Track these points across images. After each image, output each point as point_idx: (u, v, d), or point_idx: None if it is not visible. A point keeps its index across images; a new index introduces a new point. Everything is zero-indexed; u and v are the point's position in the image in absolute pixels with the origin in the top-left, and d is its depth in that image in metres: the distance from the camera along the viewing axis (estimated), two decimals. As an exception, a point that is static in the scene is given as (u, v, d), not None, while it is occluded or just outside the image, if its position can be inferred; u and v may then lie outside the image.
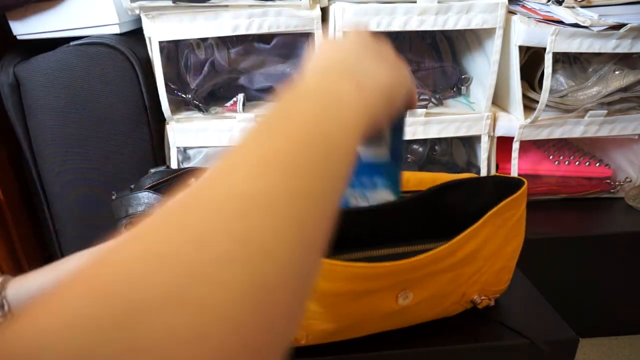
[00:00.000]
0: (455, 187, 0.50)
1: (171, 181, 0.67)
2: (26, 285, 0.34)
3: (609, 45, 0.87)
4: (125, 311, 0.13)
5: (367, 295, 0.45)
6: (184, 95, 0.93)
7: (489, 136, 0.97)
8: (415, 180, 0.52)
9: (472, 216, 0.48)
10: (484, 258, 0.49)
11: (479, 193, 0.51)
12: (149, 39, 0.86)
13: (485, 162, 0.99)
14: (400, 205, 0.48)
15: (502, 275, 0.53)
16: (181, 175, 0.68)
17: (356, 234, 0.46)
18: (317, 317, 0.45)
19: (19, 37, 0.87)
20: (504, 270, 0.53)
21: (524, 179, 0.50)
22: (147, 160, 0.92)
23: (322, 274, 0.42)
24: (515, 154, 0.98)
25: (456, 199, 0.51)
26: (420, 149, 1.05)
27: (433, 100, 0.96)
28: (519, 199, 0.49)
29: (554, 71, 0.91)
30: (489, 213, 0.47)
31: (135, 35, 0.90)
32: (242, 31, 0.84)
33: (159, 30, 0.84)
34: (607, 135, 0.98)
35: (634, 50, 0.88)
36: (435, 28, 0.86)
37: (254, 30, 0.85)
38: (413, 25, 0.85)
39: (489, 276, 0.52)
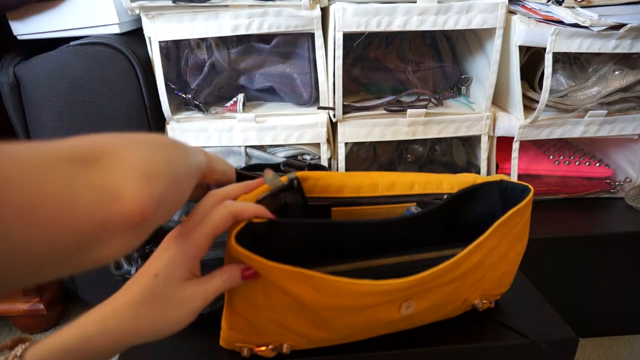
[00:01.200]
0: (462, 196, 0.50)
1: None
2: (46, 346, 0.32)
3: (609, 45, 0.87)
4: None
5: (370, 308, 0.44)
6: (184, 95, 0.93)
7: (488, 136, 0.97)
8: (421, 182, 0.52)
9: (476, 221, 0.48)
10: (487, 266, 0.49)
11: (484, 199, 0.51)
12: (149, 39, 0.86)
13: (485, 162, 0.99)
14: (408, 218, 0.47)
15: (504, 280, 0.53)
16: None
17: (363, 243, 0.45)
18: (318, 327, 0.45)
19: (19, 37, 0.87)
20: (506, 275, 0.53)
21: (530, 186, 0.49)
22: (147, 160, 0.92)
23: (326, 290, 0.41)
24: (515, 154, 0.98)
25: (461, 205, 0.50)
26: (420, 149, 1.05)
27: (433, 100, 0.96)
28: (524, 208, 0.48)
29: (554, 71, 0.91)
30: (496, 224, 0.46)
31: (135, 35, 0.90)
32: (242, 31, 0.85)
33: (159, 30, 0.84)
34: (607, 135, 0.98)
35: (634, 50, 0.88)
36: (435, 28, 0.86)
37: (254, 30, 0.85)
38: (413, 25, 0.85)
39: (491, 282, 0.51)
